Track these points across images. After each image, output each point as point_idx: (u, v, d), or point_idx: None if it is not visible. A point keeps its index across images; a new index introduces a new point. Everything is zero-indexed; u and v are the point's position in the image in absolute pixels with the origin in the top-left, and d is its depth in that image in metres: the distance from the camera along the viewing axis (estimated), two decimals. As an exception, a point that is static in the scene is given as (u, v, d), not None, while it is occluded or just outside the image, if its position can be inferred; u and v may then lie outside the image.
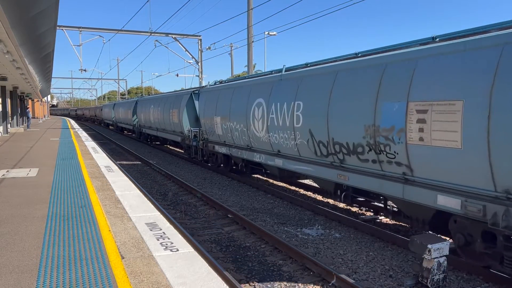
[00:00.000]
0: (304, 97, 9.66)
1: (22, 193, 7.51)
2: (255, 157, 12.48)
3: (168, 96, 23.09)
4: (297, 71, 10.51)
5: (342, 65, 8.86)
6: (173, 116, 20.62)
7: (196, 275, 3.86)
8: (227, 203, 11.20)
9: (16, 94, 31.32)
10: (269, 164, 11.75)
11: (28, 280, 3.77)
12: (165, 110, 22.16)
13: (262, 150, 12.03)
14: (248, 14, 21.02)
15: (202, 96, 17.18)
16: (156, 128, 25.35)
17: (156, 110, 24.26)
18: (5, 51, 11.73)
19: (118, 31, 30.90)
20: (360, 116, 7.84)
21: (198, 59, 33.03)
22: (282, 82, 10.89)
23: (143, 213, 6.17)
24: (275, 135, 10.93)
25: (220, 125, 14.66)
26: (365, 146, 7.80)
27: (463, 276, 6.46)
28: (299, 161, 10.15)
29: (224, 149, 14.85)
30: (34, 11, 8.95)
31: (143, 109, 28.42)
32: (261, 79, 12.37)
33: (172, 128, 21.34)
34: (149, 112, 26.36)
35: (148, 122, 27.11)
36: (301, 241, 8.16)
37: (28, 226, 5.44)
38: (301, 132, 9.74)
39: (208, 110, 15.82)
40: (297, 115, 9.82)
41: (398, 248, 7.72)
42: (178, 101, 20.23)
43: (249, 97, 12.41)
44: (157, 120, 24.43)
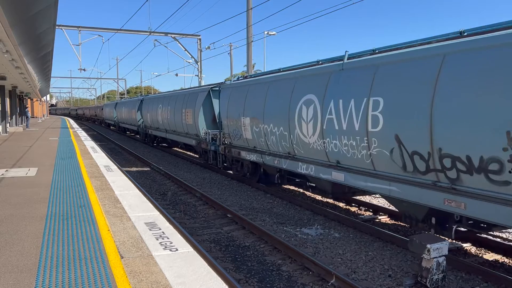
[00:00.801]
0: (386, 92, 7.29)
1: (21, 193, 7.50)
2: (299, 167, 10.17)
3: (180, 94, 21.01)
4: (370, 58, 8.10)
5: (457, 45, 6.29)
6: (187, 117, 18.63)
7: (196, 275, 3.86)
8: (226, 203, 11.20)
9: (15, 94, 31.29)
10: (322, 177, 9.37)
11: (28, 280, 3.76)
12: (177, 110, 20.18)
13: (310, 159, 9.72)
14: (247, 13, 21.01)
15: (224, 94, 14.68)
16: (165, 130, 23.26)
17: (166, 110, 22.23)
18: (4, 50, 11.72)
19: (118, 31, 30.88)
20: (500, 118, 5.46)
21: (198, 59, 33.02)
22: (345, 73, 8.55)
23: (143, 213, 6.16)
24: (334, 141, 8.65)
25: (249, 127, 12.43)
26: (506, 162, 5.45)
27: (462, 276, 6.47)
28: (373, 176, 7.81)
29: (253, 156, 12.60)
30: (33, 10, 8.94)
31: (149, 109, 26.35)
32: (311, 70, 9.89)
33: (185, 130, 19.40)
34: (156, 112, 24.24)
35: (155, 123, 24.93)
36: (300, 241, 8.16)
37: (27, 226, 5.44)
38: (380, 138, 7.41)
39: (232, 110, 13.55)
40: (373, 115, 7.51)
41: (398, 247, 7.73)
42: (192, 99, 18.24)
43: (292, 93, 10.13)
44: (166, 121, 22.38)
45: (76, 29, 30.00)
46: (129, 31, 31.81)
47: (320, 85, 9.17)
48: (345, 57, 8.81)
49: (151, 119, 25.91)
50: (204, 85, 20.77)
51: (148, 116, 26.56)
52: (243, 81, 13.67)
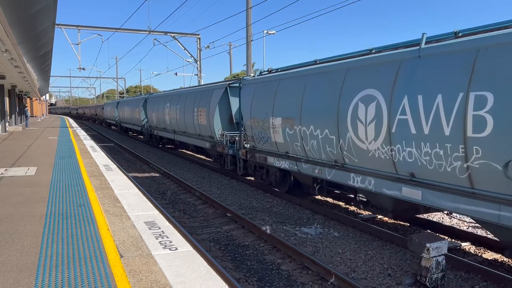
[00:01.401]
0: (500, 84, 5.51)
1: (21, 192, 7.49)
2: (350, 179, 8.41)
3: (191, 92, 19.06)
4: (469, 40, 6.21)
5: None
6: (199, 117, 16.97)
7: (195, 274, 3.86)
8: (225, 202, 11.20)
9: (15, 93, 31.27)
10: (385, 193, 7.61)
11: (27, 279, 3.76)
12: (187, 109, 18.49)
13: (369, 170, 7.94)
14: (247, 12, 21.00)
15: (246, 90, 12.78)
16: (172, 131, 21.50)
17: (174, 109, 20.51)
18: (4, 49, 11.70)
19: (117, 30, 30.85)
20: None
21: (197, 58, 33.01)
22: (424, 61, 6.75)
23: (142, 212, 6.16)
24: (409, 149, 6.91)
25: (280, 129, 10.72)
26: None
27: (461, 275, 6.48)
28: (470, 197, 6.08)
29: (284, 163, 10.85)
30: (32, 9, 8.93)
31: (155, 108, 24.55)
32: (370, 59, 8.08)
33: (197, 131, 17.66)
34: (163, 111, 22.50)
35: (162, 123, 23.18)
36: (299, 240, 8.17)
37: (26, 225, 5.44)
38: (488, 147, 5.67)
39: (258, 109, 11.82)
40: (476, 116, 5.78)
41: (397, 247, 7.74)
42: (206, 97, 16.52)
43: (343, 88, 8.37)
44: (174, 121, 20.61)
45: (76, 28, 29.98)
46: (129, 30, 31.79)
47: (386, 77, 7.38)
48: (422, 41, 6.97)
49: (157, 119, 24.19)
50: (220, 82, 18.21)
51: (154, 115, 24.92)
52: (271, 76, 11.65)
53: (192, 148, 21.42)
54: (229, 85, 15.31)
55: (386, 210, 8.24)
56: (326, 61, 9.89)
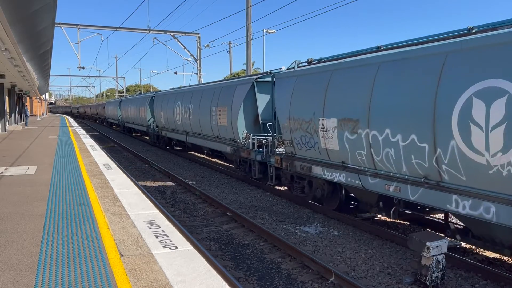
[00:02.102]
0: None
1: (21, 191, 7.49)
2: (451, 203, 6.37)
3: (207, 89, 16.87)
4: None
5: None
6: (219, 117, 14.87)
7: (195, 273, 3.86)
8: (225, 201, 11.21)
9: (14, 92, 31.24)
10: None
11: (27, 278, 3.76)
12: (203, 108, 16.39)
13: (487, 193, 5.86)
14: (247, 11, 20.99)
15: (283, 85, 10.68)
16: (184, 132, 19.27)
17: (187, 108, 18.42)
18: (3, 48, 11.69)
19: (117, 29, 30.82)
20: None
21: (197, 57, 32.99)
22: None
23: (142, 211, 6.16)
24: None
25: (335, 133, 8.58)
26: None
27: (461, 274, 6.48)
28: None
29: (339, 176, 8.72)
30: (32, 8, 8.92)
31: (163, 107, 22.44)
32: (491, 38, 5.85)
33: (215, 133, 15.52)
34: (173, 111, 20.45)
35: (172, 123, 21.08)
36: (299, 239, 8.17)
37: (26, 224, 5.43)
38: None
39: (300, 107, 9.79)
40: None
41: (397, 246, 7.74)
42: (227, 94, 14.40)
43: (441, 78, 6.35)
44: (187, 122, 18.50)
45: (75, 27, 29.96)
46: (128, 29, 31.76)
47: None
48: None
49: (166, 119, 22.08)
50: (245, 76, 16.19)
51: (162, 115, 22.77)
52: (319, 66, 9.55)
53: (207, 152, 19.06)
54: (257, 79, 13.23)
55: (502, 245, 6.24)
56: (395, 47, 8.00)
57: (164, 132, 23.17)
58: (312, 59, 10.41)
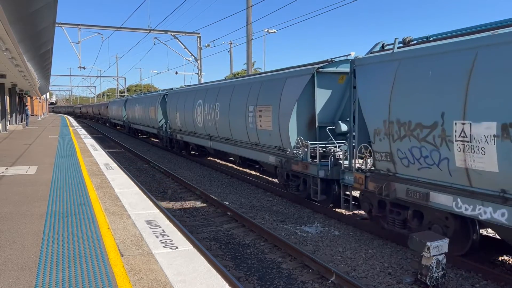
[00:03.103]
0: None
1: (21, 191, 7.50)
2: None
3: (241, 84, 13.63)
4: None
5: None
6: (259, 119, 11.85)
7: (196, 273, 3.86)
8: (226, 201, 11.21)
9: (15, 92, 31.28)
10: None
11: (28, 278, 3.76)
12: (235, 108, 13.41)
13: None
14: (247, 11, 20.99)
15: (373, 73, 7.86)
16: (207, 136, 16.33)
17: (211, 108, 15.42)
18: (4, 48, 11.70)
19: (117, 29, 30.83)
20: None
21: (197, 57, 33.00)
22: None
23: (142, 211, 6.17)
24: None
25: (490, 146, 5.70)
26: None
27: (462, 274, 6.48)
28: None
29: (491, 211, 5.84)
30: (33, 8, 8.92)
31: (179, 106, 19.68)
32: None
33: (252, 138, 12.51)
34: (192, 111, 17.64)
35: (190, 125, 18.27)
36: (300, 239, 8.17)
37: (27, 224, 5.44)
38: None
39: (407, 105, 6.99)
40: None
41: (397, 245, 7.74)
42: (273, 90, 11.29)
43: None
44: (211, 124, 15.51)
45: (76, 27, 29.97)
46: (129, 29, 31.78)
47: None
48: None
49: (182, 121, 19.21)
50: (300, 66, 11.65)
51: (177, 116, 19.96)
52: (452, 43, 6.50)
53: (238, 161, 15.29)
54: (319, 69, 9.98)
55: None
56: None
57: (179, 135, 20.30)
58: (410, 38, 7.77)
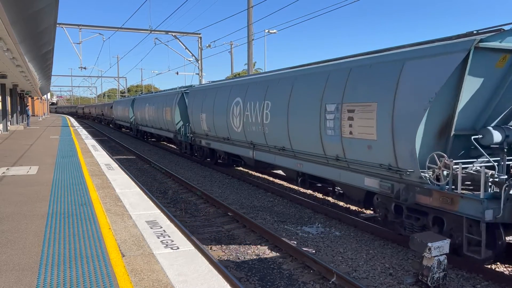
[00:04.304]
0: None
1: (22, 191, 7.50)
2: None
3: (312, 73, 9.66)
4: None
5: None
6: (347, 122, 8.12)
7: (197, 273, 3.86)
8: (227, 201, 11.21)
9: (16, 92, 31.31)
10: None
11: (29, 278, 3.77)
12: (298, 108, 9.78)
13: None
14: (248, 12, 21.00)
15: None
16: (249, 144, 12.66)
17: (257, 108, 11.79)
18: (5, 48, 11.72)
19: (118, 29, 30.85)
20: None
21: (198, 57, 33.01)
22: None
23: (143, 211, 6.17)
24: None
25: None
26: None
27: (463, 274, 6.47)
28: None
29: None
30: (34, 9, 8.94)
31: (205, 106, 16.02)
32: None
33: (330, 150, 8.84)
34: (226, 112, 13.88)
35: (222, 130, 14.56)
36: (301, 239, 8.17)
37: (28, 224, 5.44)
38: None
39: None
40: None
41: (398, 246, 7.73)
42: (376, 79, 7.49)
43: None
44: (257, 129, 11.91)
45: (77, 27, 29.97)
46: (130, 29, 31.79)
47: None
48: None
49: (211, 124, 15.58)
50: (426, 42, 7.28)
51: (203, 118, 16.30)
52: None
53: (301, 179, 10.76)
54: (479, 44, 6.08)
55: None
56: None
57: (205, 141, 16.78)
58: None
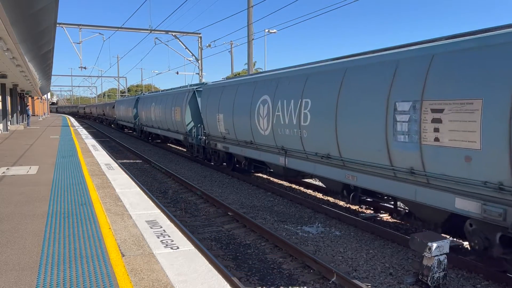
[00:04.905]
0: None
1: (22, 191, 7.50)
2: None
3: (379, 62, 7.50)
4: None
5: None
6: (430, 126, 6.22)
7: (197, 273, 3.86)
8: (227, 201, 11.21)
9: (16, 92, 31.31)
10: None
11: (29, 278, 3.77)
12: (354, 107, 7.89)
13: None
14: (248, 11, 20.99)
15: None
16: (279, 150, 10.76)
17: (288, 107, 9.99)
18: (5, 48, 11.71)
19: (118, 29, 30.84)
20: None
21: (198, 57, 33.01)
22: None
23: (143, 211, 6.17)
24: None
25: None
26: None
27: (463, 274, 6.47)
28: None
29: None
30: (34, 8, 8.93)
31: (224, 106, 13.88)
32: None
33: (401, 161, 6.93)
34: (250, 113, 11.97)
35: (244, 133, 12.69)
36: (301, 239, 8.17)
37: (28, 224, 5.44)
38: None
39: None
40: None
41: (398, 246, 7.73)
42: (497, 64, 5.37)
43: None
44: (291, 132, 9.94)
45: (77, 27, 29.97)
46: (130, 29, 31.79)
47: None
48: None
49: (230, 125, 13.54)
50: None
51: (221, 119, 14.24)
52: None
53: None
54: None
55: None
56: None
57: (221, 144, 14.76)
58: None
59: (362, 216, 9.39)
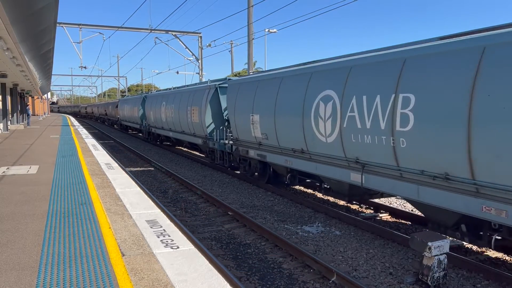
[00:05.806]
0: None
1: (22, 191, 7.50)
2: None
3: None
4: None
5: None
6: None
7: (197, 273, 3.86)
8: (227, 201, 11.21)
9: (16, 91, 31.31)
10: None
11: (29, 277, 3.77)
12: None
13: None
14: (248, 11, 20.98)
15: None
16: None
17: (367, 106, 7.62)
18: (5, 48, 11.71)
19: (118, 28, 30.84)
20: None
21: (198, 56, 33.00)
22: None
23: (144, 211, 6.16)
24: None
25: None
26: None
27: (463, 274, 6.47)
28: None
29: None
30: (34, 8, 8.93)
31: (260, 104, 11.75)
32: None
33: None
34: (303, 115, 9.64)
35: (291, 139, 10.38)
36: (301, 239, 8.17)
37: (28, 223, 5.44)
38: None
39: None
40: None
41: (399, 245, 7.73)
42: None
43: None
44: (371, 141, 7.61)
45: (77, 26, 29.98)
46: (130, 28, 31.78)
47: None
48: None
49: (271, 130, 11.24)
50: None
51: (256, 120, 11.99)
52: None
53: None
54: None
55: None
56: None
57: (256, 151, 12.50)
58: None
59: (362, 216, 9.39)
